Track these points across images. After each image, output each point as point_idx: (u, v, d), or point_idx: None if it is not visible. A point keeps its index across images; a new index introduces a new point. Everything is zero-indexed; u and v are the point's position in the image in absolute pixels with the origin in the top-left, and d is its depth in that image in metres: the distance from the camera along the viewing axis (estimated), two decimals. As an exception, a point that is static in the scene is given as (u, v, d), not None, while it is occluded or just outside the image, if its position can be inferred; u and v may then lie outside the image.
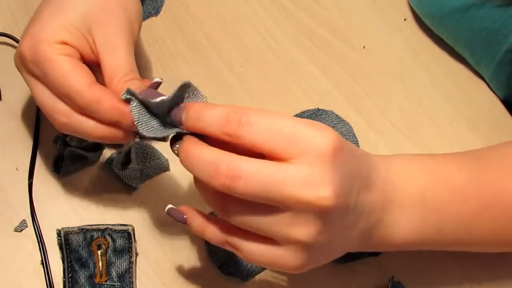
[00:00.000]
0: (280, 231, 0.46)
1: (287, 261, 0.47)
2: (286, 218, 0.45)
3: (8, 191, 0.61)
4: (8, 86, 0.65)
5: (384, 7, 0.72)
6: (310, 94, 0.68)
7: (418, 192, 0.52)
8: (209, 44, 0.69)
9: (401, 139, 0.66)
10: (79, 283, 0.58)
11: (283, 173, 0.44)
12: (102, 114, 0.51)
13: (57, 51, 0.52)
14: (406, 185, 0.52)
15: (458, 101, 0.69)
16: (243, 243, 0.48)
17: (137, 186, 0.62)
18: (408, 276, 0.60)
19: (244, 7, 0.71)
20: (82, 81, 0.51)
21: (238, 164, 0.44)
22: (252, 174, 0.44)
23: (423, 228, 0.53)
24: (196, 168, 0.46)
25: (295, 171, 0.44)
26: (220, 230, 0.49)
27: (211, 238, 0.50)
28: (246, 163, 0.45)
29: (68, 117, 0.52)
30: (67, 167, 0.61)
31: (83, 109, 0.52)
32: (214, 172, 0.45)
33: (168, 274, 0.59)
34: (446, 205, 0.53)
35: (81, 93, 0.51)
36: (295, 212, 0.45)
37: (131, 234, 0.58)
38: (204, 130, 0.46)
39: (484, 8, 0.64)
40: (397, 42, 0.71)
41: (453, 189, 0.53)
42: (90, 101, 0.51)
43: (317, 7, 0.72)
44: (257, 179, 0.44)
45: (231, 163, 0.44)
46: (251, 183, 0.44)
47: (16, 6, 0.68)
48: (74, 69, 0.52)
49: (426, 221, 0.53)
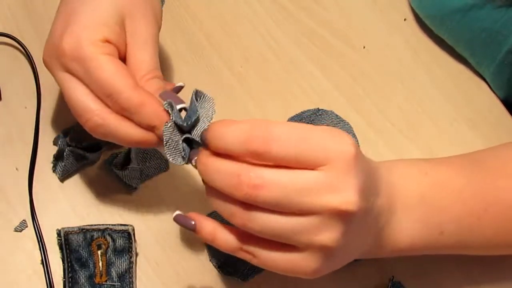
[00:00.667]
0: (304, 237, 0.46)
1: (307, 266, 0.47)
2: (311, 224, 0.45)
3: (8, 191, 0.61)
4: (8, 86, 0.65)
5: (384, 7, 0.72)
6: (310, 94, 0.68)
7: (418, 194, 0.53)
8: (209, 44, 0.69)
9: (401, 139, 0.66)
10: (79, 283, 0.58)
11: (310, 180, 0.44)
12: (144, 118, 0.51)
13: (101, 50, 0.51)
14: (406, 187, 0.52)
15: (458, 101, 0.69)
16: (260, 250, 0.48)
17: (137, 186, 0.62)
18: (408, 276, 0.60)
19: (244, 7, 0.71)
20: (128, 82, 0.51)
21: (260, 173, 0.44)
22: (275, 183, 0.44)
23: (426, 230, 0.53)
24: (217, 180, 0.46)
25: (322, 177, 0.44)
26: (234, 237, 0.48)
27: (223, 245, 0.49)
28: (268, 172, 0.45)
29: (103, 118, 0.51)
30: (67, 167, 0.61)
31: (124, 111, 0.51)
32: (237, 183, 0.45)
33: (168, 274, 0.59)
34: (446, 206, 0.53)
35: (126, 95, 0.50)
36: (320, 218, 0.45)
37: (131, 234, 0.58)
38: (227, 150, 0.46)
39: (484, 9, 0.64)
40: (397, 42, 0.71)
41: (452, 191, 0.53)
42: (135, 103, 0.50)
43: (317, 7, 0.72)
44: (281, 187, 0.44)
45: (253, 173, 0.44)
46: (274, 192, 0.44)
47: (16, 6, 0.68)
48: (119, 69, 0.51)
49: (428, 222, 0.53)
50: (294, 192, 0.44)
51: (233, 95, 0.67)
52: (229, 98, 0.67)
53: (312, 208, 0.45)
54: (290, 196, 0.44)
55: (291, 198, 0.44)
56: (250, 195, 0.44)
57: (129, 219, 0.60)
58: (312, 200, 0.44)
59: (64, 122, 0.63)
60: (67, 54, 0.52)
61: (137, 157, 0.62)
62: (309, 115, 0.66)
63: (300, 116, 0.66)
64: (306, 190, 0.44)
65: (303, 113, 0.66)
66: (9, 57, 0.67)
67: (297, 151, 0.44)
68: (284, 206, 0.45)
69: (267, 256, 0.48)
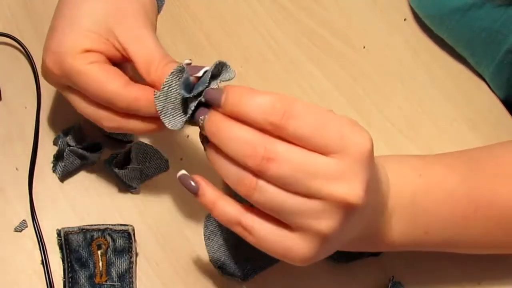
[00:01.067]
0: (304, 219, 0.46)
1: (299, 250, 0.47)
2: (313, 208, 0.45)
3: (8, 191, 0.61)
4: (8, 86, 0.65)
5: (384, 7, 0.72)
6: (310, 94, 0.68)
7: (409, 194, 0.53)
8: (209, 44, 0.69)
9: (401, 139, 0.66)
10: (79, 283, 0.58)
11: (321, 164, 0.45)
12: (144, 111, 0.51)
13: (83, 62, 0.52)
14: (397, 187, 0.53)
15: (458, 101, 0.69)
16: (257, 225, 0.47)
17: (137, 186, 0.62)
18: (408, 276, 0.60)
19: (244, 7, 0.71)
20: (117, 83, 0.51)
21: (275, 147, 0.44)
22: (287, 159, 0.44)
23: (411, 230, 0.53)
24: (230, 146, 0.46)
25: (334, 165, 0.45)
26: (234, 210, 0.48)
27: (221, 215, 0.48)
28: (283, 147, 0.45)
29: (113, 121, 0.53)
30: (67, 167, 0.61)
31: (125, 110, 0.52)
32: (251, 152, 0.45)
33: (168, 274, 0.59)
34: (435, 207, 0.53)
35: (119, 96, 0.51)
36: (323, 204, 0.45)
37: (131, 234, 0.58)
38: (244, 116, 0.45)
39: (484, 8, 0.64)
40: (397, 42, 0.71)
41: (443, 192, 0.54)
42: (130, 101, 0.51)
43: (317, 7, 0.72)
44: (292, 165, 0.44)
45: (268, 145, 0.44)
46: (285, 168, 0.44)
47: (16, 6, 0.68)
48: (105, 74, 0.52)
49: (414, 222, 0.53)
50: (303, 174, 0.44)
51: (233, 95, 0.67)
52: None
53: (318, 193, 0.45)
54: (299, 176, 0.44)
55: (300, 178, 0.44)
56: (262, 167, 0.44)
57: (129, 219, 0.60)
58: (319, 185, 0.44)
59: (64, 122, 0.63)
60: (55, 73, 0.53)
61: (137, 157, 0.62)
62: (309, 115, 0.66)
63: (300, 116, 0.66)
64: (315, 174, 0.44)
65: (303, 113, 0.66)
66: (9, 57, 0.67)
67: (314, 133, 0.44)
68: (292, 185, 0.45)
69: (262, 234, 0.47)
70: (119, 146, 0.62)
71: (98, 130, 0.63)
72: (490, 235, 0.55)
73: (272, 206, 0.46)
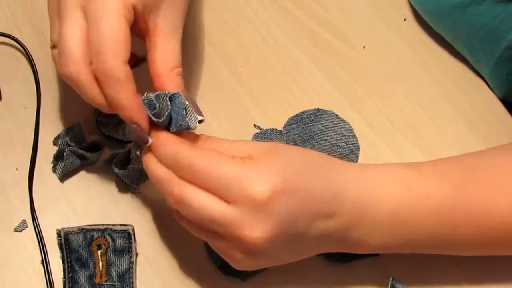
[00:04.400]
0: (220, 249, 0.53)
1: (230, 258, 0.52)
2: (223, 243, 0.51)
3: (8, 191, 0.61)
4: (8, 86, 0.65)
5: (384, 7, 0.72)
6: (310, 94, 0.68)
7: (392, 209, 0.53)
8: (209, 44, 0.69)
9: (401, 139, 0.66)
10: (79, 283, 0.58)
11: (219, 212, 0.49)
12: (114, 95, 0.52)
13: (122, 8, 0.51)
14: (380, 201, 0.53)
15: (458, 101, 0.69)
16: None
17: (137, 186, 0.62)
18: (408, 276, 0.60)
19: (244, 7, 0.71)
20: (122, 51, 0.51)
21: (185, 191, 0.49)
22: (190, 204, 0.49)
23: (394, 239, 0.54)
24: (153, 179, 0.52)
25: (231, 212, 0.49)
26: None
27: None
28: (189, 191, 0.49)
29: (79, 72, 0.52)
30: (67, 167, 0.61)
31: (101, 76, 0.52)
32: (167, 191, 0.50)
33: (168, 274, 0.59)
34: (419, 220, 0.54)
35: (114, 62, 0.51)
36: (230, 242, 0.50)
37: (131, 234, 0.58)
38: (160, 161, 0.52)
39: (483, 5, 0.64)
40: (397, 42, 0.71)
41: (430, 205, 0.54)
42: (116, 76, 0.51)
43: (317, 7, 0.72)
44: (195, 209, 0.49)
45: (176, 188, 0.50)
46: (192, 213, 0.50)
47: (16, 6, 0.68)
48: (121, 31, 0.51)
49: (397, 232, 0.54)
50: (205, 219, 0.50)
51: (233, 95, 0.67)
52: (229, 98, 0.67)
53: (224, 235, 0.50)
54: (203, 219, 0.50)
55: (204, 223, 0.50)
56: (177, 206, 0.51)
57: (129, 219, 0.60)
58: (221, 229, 0.50)
59: (64, 122, 0.63)
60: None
61: (137, 157, 0.62)
62: (309, 115, 0.66)
63: (300, 116, 0.66)
64: (214, 221, 0.49)
65: (303, 113, 0.66)
66: (9, 57, 0.67)
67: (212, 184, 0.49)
68: (201, 224, 0.51)
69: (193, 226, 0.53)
70: (119, 146, 0.62)
71: (98, 130, 0.63)
72: (477, 242, 0.56)
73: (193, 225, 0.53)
